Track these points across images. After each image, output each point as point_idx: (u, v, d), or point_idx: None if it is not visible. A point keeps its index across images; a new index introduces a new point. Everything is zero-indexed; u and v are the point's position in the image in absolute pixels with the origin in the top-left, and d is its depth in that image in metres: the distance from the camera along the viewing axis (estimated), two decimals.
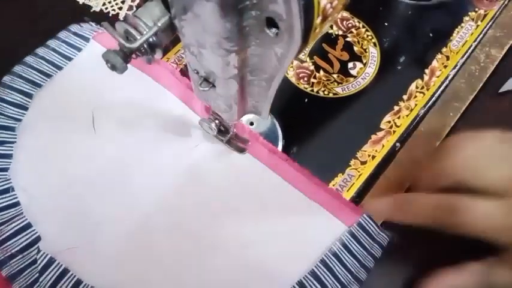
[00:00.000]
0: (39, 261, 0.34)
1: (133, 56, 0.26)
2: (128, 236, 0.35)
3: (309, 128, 0.40)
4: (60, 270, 0.34)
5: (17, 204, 0.36)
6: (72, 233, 0.35)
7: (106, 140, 0.38)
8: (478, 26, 0.46)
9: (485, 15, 0.47)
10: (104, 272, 0.34)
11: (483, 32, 0.46)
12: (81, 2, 0.45)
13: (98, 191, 0.37)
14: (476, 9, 0.47)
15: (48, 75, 0.40)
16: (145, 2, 0.26)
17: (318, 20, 0.20)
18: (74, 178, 0.37)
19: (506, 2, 0.48)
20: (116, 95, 0.40)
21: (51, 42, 0.42)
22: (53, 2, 0.45)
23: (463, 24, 0.46)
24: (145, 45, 0.25)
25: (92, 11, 0.45)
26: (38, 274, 0.33)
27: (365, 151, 0.39)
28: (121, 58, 0.26)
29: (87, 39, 0.42)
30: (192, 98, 0.40)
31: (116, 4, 0.46)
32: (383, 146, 0.40)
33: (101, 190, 0.37)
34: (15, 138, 0.38)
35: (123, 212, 0.36)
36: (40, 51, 0.41)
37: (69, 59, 0.41)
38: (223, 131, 0.37)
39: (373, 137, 0.40)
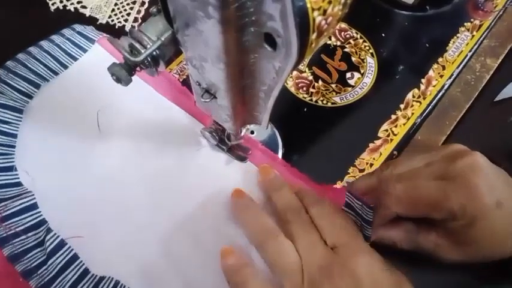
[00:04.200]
0: (48, 243, 0.33)
1: (138, 68, 0.28)
2: (128, 229, 0.36)
3: (308, 137, 0.41)
4: (71, 255, 0.33)
5: (19, 184, 0.36)
6: (75, 222, 0.35)
7: (107, 140, 0.39)
8: (473, 36, 0.47)
9: (480, 26, 0.48)
10: (106, 262, 0.34)
11: (478, 42, 0.47)
12: (87, 15, 0.47)
13: (99, 186, 0.37)
14: (472, 20, 0.48)
15: (54, 72, 0.41)
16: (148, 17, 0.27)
17: (313, 36, 0.21)
18: (75, 170, 0.38)
19: (501, 13, 0.49)
20: (120, 100, 0.41)
21: (56, 38, 0.43)
22: (62, 14, 0.47)
23: (458, 35, 0.47)
24: (149, 59, 0.26)
25: (98, 23, 0.46)
26: (45, 256, 0.32)
27: (363, 159, 0.40)
28: (126, 71, 0.27)
29: (91, 41, 0.43)
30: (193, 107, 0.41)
31: (122, 16, 0.47)
32: (381, 154, 0.40)
33: (101, 185, 0.37)
34: (21, 120, 0.38)
35: (123, 207, 0.37)
36: (44, 44, 0.42)
37: (74, 58, 0.42)
38: (224, 140, 0.38)
39: (371, 145, 0.41)
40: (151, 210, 0.37)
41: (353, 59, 0.45)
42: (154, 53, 0.26)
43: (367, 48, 0.46)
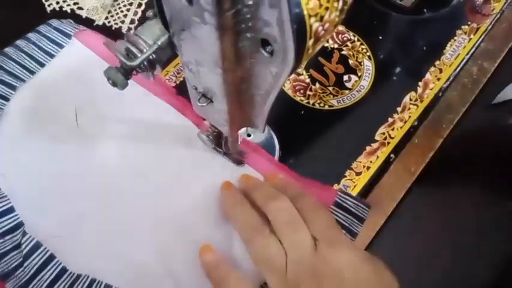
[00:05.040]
0: (24, 245, 0.33)
1: (134, 72, 0.27)
2: (110, 225, 0.36)
3: (305, 140, 0.41)
4: (47, 256, 0.33)
5: None
6: (54, 222, 0.35)
7: (87, 136, 0.39)
8: (470, 39, 0.47)
9: (477, 29, 0.48)
10: (87, 260, 0.34)
11: (476, 45, 0.47)
12: (84, 16, 0.46)
13: (79, 185, 0.37)
14: (469, 23, 0.48)
15: (31, 72, 0.41)
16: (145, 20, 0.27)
17: (310, 42, 0.21)
18: (54, 171, 0.37)
19: (498, 16, 0.49)
20: (98, 94, 0.41)
21: (32, 36, 0.42)
22: (58, 15, 0.46)
23: (455, 38, 0.47)
24: (145, 63, 0.26)
25: (95, 24, 0.46)
26: (22, 259, 0.33)
27: (360, 162, 0.40)
28: (122, 75, 0.27)
29: (68, 36, 0.43)
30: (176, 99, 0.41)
31: (118, 18, 0.47)
32: (377, 157, 0.40)
33: (81, 184, 0.37)
34: None
35: (105, 204, 0.36)
36: (20, 43, 0.42)
37: (51, 55, 0.42)
38: (221, 144, 0.38)
39: (368, 148, 0.41)
40: (134, 207, 0.37)
41: (350, 61, 0.45)
42: (150, 57, 0.26)
43: (365, 51, 0.46)
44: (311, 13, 0.19)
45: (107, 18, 0.47)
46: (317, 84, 0.44)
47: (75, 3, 0.47)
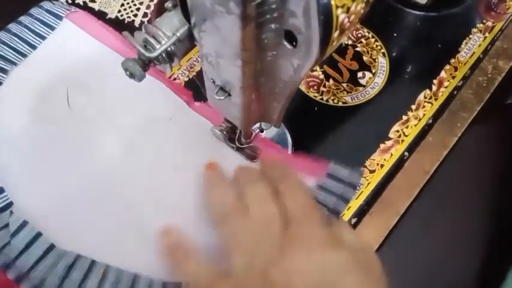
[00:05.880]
0: (11, 224, 0.34)
1: (152, 64, 0.27)
2: (98, 206, 0.36)
3: (319, 136, 0.41)
4: (34, 233, 0.34)
5: None
6: (42, 201, 0.36)
7: (79, 117, 0.39)
8: (485, 37, 0.47)
9: (493, 27, 0.47)
10: (74, 239, 0.34)
11: (491, 44, 0.46)
12: (96, 9, 0.46)
13: (71, 164, 0.37)
14: (484, 21, 0.48)
15: (23, 55, 0.41)
16: (159, 10, 0.26)
17: (335, 34, 0.20)
18: (45, 152, 0.38)
19: None
20: (91, 74, 0.41)
21: (24, 19, 0.43)
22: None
23: (471, 36, 0.47)
24: (163, 55, 0.26)
25: (107, 17, 0.46)
26: (9, 237, 0.33)
27: (373, 160, 0.40)
28: (140, 67, 0.27)
29: (60, 18, 0.43)
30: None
31: (132, 11, 0.47)
32: (391, 154, 0.40)
33: (73, 163, 0.37)
34: None
35: (95, 183, 0.37)
36: (13, 27, 0.42)
37: (43, 37, 0.42)
38: (233, 139, 0.37)
39: (382, 145, 0.40)
40: (124, 188, 0.37)
41: (364, 58, 0.45)
42: (169, 48, 0.26)
43: (379, 47, 0.45)
44: (338, 4, 0.19)
45: (119, 11, 0.46)
46: (331, 81, 0.43)
47: None
